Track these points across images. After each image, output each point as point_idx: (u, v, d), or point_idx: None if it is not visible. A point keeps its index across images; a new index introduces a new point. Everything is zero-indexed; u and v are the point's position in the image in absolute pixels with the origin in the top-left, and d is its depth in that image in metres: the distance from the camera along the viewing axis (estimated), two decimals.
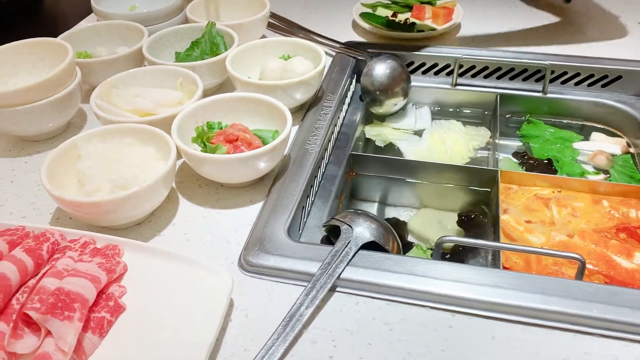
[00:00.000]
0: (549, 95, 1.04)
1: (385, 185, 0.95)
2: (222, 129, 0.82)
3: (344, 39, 1.15)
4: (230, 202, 0.78)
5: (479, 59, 1.06)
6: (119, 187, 0.70)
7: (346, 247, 0.67)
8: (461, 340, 0.59)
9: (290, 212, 0.74)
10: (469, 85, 1.08)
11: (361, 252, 0.67)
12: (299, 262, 0.66)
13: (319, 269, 0.64)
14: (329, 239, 0.78)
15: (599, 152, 0.97)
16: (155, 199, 0.72)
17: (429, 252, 0.84)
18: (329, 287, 0.63)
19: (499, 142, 0.97)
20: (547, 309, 0.59)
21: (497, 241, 0.77)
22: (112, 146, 0.78)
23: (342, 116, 1.01)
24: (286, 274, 0.66)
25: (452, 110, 1.10)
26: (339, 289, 0.64)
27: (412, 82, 1.05)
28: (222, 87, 1.04)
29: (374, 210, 0.95)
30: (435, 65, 1.10)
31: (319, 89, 0.98)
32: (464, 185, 0.91)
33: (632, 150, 0.98)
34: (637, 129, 0.98)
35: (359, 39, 1.19)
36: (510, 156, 0.99)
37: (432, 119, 1.08)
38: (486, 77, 1.08)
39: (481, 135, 1.04)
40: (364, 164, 0.94)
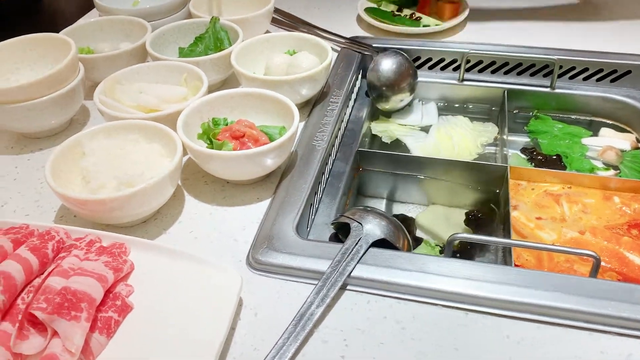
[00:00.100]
0: (557, 90, 1.03)
1: (392, 181, 0.94)
2: (227, 125, 0.80)
3: (348, 34, 1.14)
4: (237, 200, 0.77)
5: (486, 54, 1.05)
6: (124, 184, 0.69)
7: (356, 244, 0.66)
8: (474, 339, 0.58)
9: (298, 209, 0.73)
10: (476, 80, 1.07)
11: (371, 249, 0.66)
12: (308, 260, 0.65)
13: (329, 267, 0.63)
14: (337, 237, 0.77)
15: (608, 147, 0.96)
16: (161, 196, 0.71)
17: (437, 248, 0.83)
18: (339, 285, 0.62)
19: (507, 138, 0.96)
20: (562, 307, 0.58)
21: (507, 238, 0.76)
22: (117, 143, 0.76)
23: (348, 112, 1.00)
24: (295, 272, 0.65)
25: (459, 105, 1.09)
26: (349, 287, 0.63)
27: (418, 78, 1.03)
28: (225, 83, 1.02)
29: (382, 207, 0.94)
30: (441, 60, 1.08)
31: (324, 84, 0.97)
32: (472, 181, 0.90)
33: None
34: None
35: (364, 34, 1.18)
36: (518, 152, 0.98)
37: (439, 115, 1.07)
38: (493, 72, 1.07)
39: (489, 131, 1.02)
40: (371, 161, 0.93)
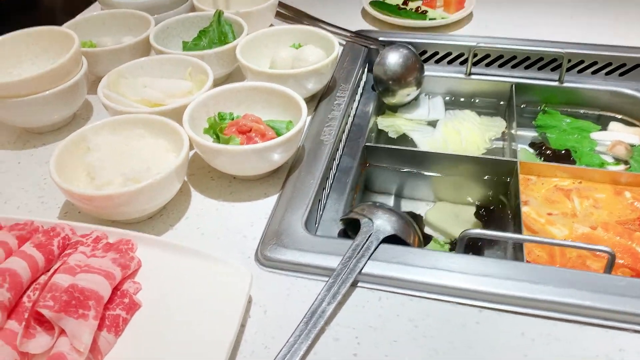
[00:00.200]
0: (565, 84, 1.01)
1: (400, 177, 0.93)
2: (233, 119, 0.79)
3: (353, 28, 1.12)
4: (244, 195, 0.76)
5: (493, 48, 1.04)
6: (131, 180, 0.68)
7: (367, 240, 0.65)
8: (489, 336, 0.57)
9: (307, 205, 0.72)
10: (483, 74, 1.06)
11: (382, 245, 0.65)
12: (318, 256, 0.64)
13: (339, 264, 0.62)
14: (345, 233, 0.75)
15: (618, 142, 0.95)
16: (168, 192, 0.69)
17: (447, 246, 0.82)
18: (350, 282, 0.60)
19: (516, 132, 0.95)
20: (579, 304, 0.57)
21: (518, 233, 0.75)
22: (122, 138, 0.75)
23: (355, 107, 0.98)
24: (305, 269, 0.64)
25: (466, 100, 1.08)
26: (360, 284, 0.62)
27: (425, 72, 1.02)
28: (230, 78, 1.01)
29: (389, 203, 0.93)
30: (448, 54, 1.07)
31: (330, 78, 0.95)
32: (481, 176, 0.88)
33: None
34: None
35: (369, 28, 1.16)
36: (526, 147, 0.97)
37: (446, 109, 1.06)
38: (501, 66, 1.05)
39: (496, 125, 1.01)
40: (378, 156, 0.92)
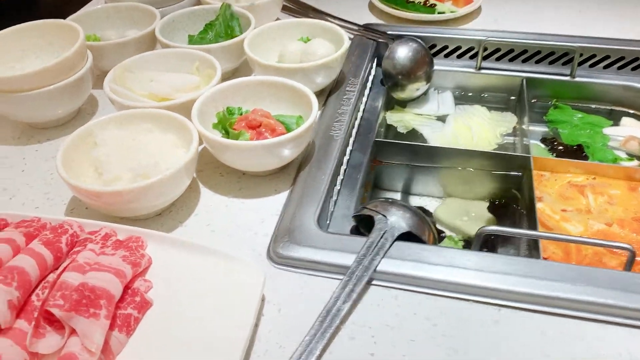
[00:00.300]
0: (577, 79, 1.00)
1: (409, 173, 0.91)
2: (242, 114, 0.78)
3: (360, 21, 1.10)
4: (253, 192, 0.75)
5: (503, 42, 1.02)
6: (140, 175, 0.66)
7: (381, 238, 0.63)
8: (509, 335, 0.56)
9: (319, 201, 0.70)
10: (493, 69, 1.04)
11: (396, 242, 0.63)
12: (332, 253, 0.63)
13: (354, 261, 0.61)
14: (358, 230, 0.74)
15: (631, 137, 0.93)
16: (178, 188, 0.68)
17: (461, 243, 0.81)
18: (365, 280, 0.59)
19: (527, 128, 0.93)
20: (600, 302, 0.56)
21: (533, 230, 0.74)
22: (129, 133, 0.74)
23: (364, 101, 0.97)
24: (319, 267, 0.63)
25: (476, 94, 1.06)
26: (375, 282, 0.61)
27: (434, 66, 1.01)
28: (237, 72, 0.99)
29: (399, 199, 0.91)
30: (458, 48, 1.06)
31: (339, 73, 0.94)
32: (493, 172, 0.87)
33: None
34: None
35: (377, 22, 1.15)
36: (538, 142, 0.96)
37: (455, 104, 1.04)
38: (511, 60, 1.04)
39: (507, 120, 1.00)
40: (389, 152, 0.90)
